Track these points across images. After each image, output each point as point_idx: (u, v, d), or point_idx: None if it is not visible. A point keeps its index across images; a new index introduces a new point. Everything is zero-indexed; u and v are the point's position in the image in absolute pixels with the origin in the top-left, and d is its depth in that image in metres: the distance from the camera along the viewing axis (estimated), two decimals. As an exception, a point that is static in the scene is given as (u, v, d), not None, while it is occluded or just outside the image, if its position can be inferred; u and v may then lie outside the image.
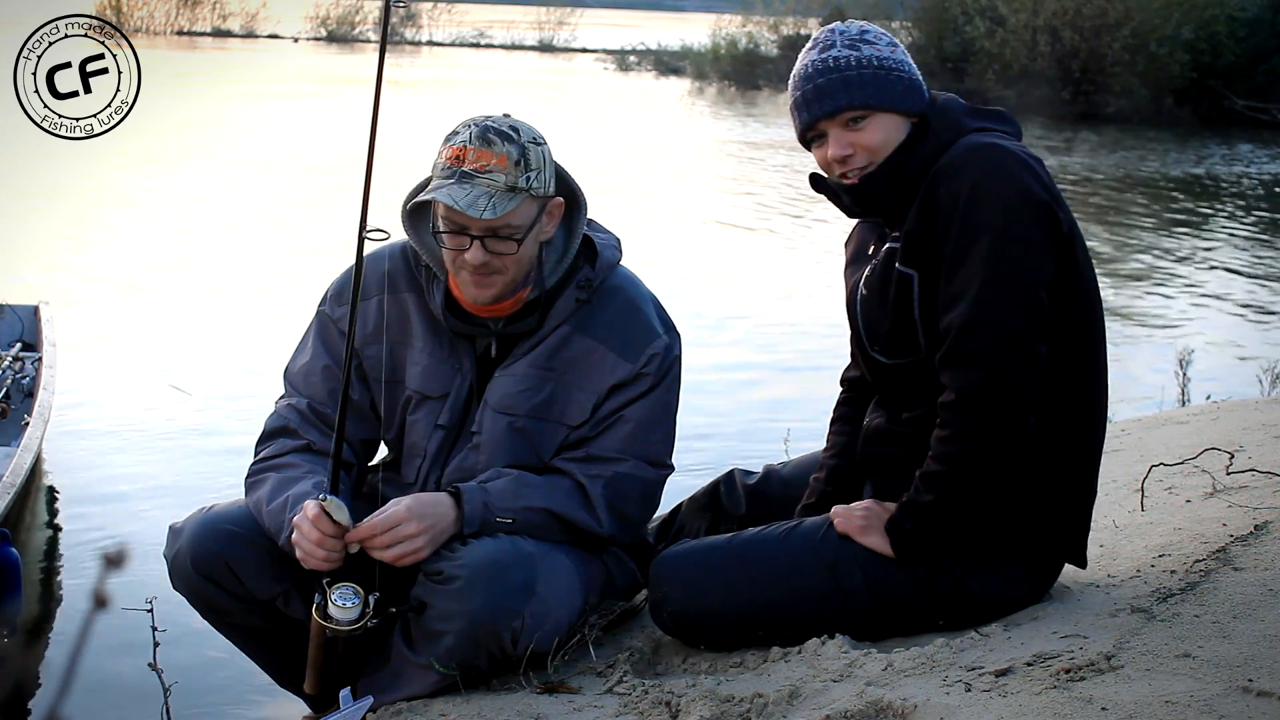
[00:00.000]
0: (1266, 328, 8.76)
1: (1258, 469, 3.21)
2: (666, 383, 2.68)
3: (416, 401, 2.68)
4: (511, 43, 38.95)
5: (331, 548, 2.44)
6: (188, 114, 17.67)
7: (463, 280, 2.57)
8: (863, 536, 2.49)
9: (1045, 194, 2.39)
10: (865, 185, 2.50)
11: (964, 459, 2.38)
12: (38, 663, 3.68)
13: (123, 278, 8.75)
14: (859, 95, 2.48)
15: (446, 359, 2.66)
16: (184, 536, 2.65)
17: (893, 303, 2.48)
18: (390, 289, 2.70)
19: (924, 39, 25.66)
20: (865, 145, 2.50)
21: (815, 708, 2.17)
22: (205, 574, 2.62)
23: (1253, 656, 2.08)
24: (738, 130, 20.24)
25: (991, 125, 2.52)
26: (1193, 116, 22.83)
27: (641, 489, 2.68)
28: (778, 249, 10.85)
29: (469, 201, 2.47)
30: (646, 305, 2.70)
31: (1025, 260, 2.36)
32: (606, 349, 2.63)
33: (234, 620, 2.70)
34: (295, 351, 2.77)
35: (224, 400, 6.23)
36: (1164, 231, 12.41)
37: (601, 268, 2.67)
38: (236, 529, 2.62)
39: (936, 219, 2.41)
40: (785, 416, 5.82)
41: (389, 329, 2.68)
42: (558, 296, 2.64)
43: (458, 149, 2.52)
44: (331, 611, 2.44)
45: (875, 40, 2.55)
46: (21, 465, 4.21)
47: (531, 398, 2.63)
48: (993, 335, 2.34)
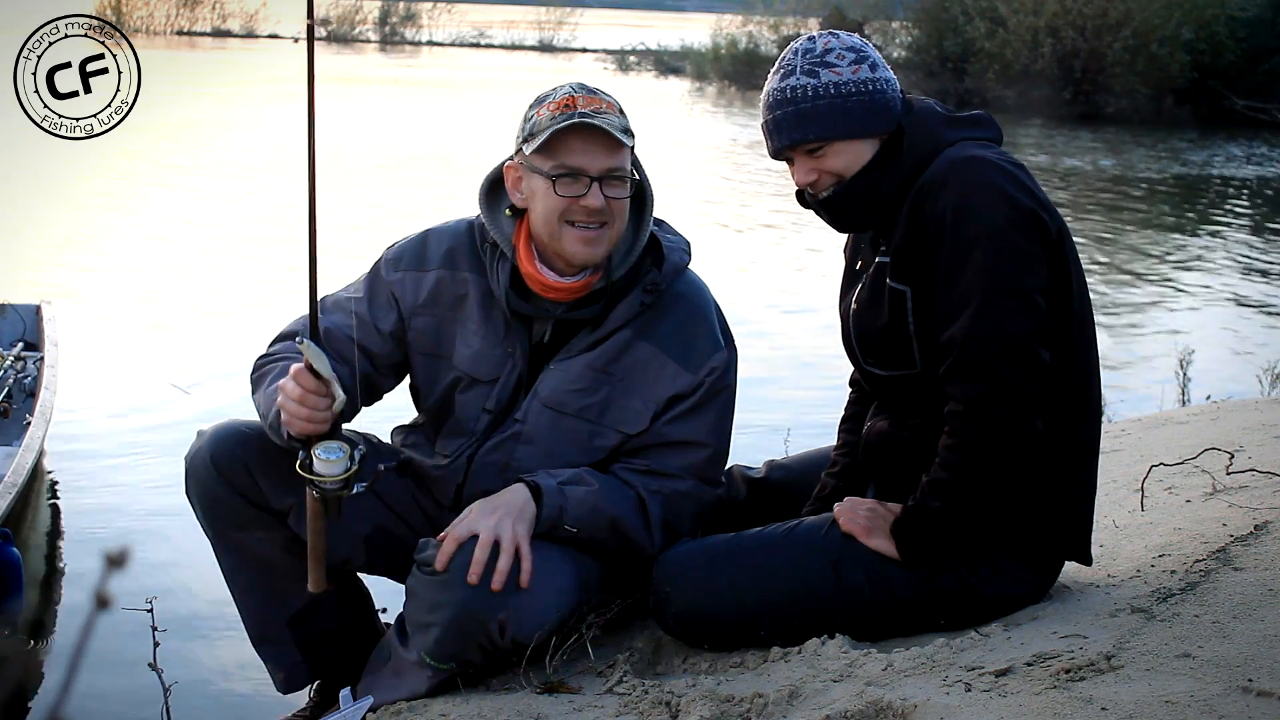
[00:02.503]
0: (1266, 328, 8.76)
1: (1258, 469, 3.21)
2: (723, 400, 2.67)
3: (466, 383, 2.67)
4: (511, 43, 38.96)
5: (315, 405, 2.38)
6: (188, 114, 17.68)
7: (568, 239, 2.53)
8: (867, 538, 2.50)
9: (1030, 200, 2.41)
10: (834, 201, 2.53)
11: (972, 468, 2.39)
12: (39, 662, 3.68)
13: (124, 277, 8.76)
14: (814, 129, 2.50)
15: (500, 343, 2.65)
16: (206, 437, 2.66)
17: (886, 318, 2.50)
18: (450, 265, 2.68)
19: (924, 39, 25.67)
20: (828, 170, 2.53)
21: (815, 708, 2.17)
22: (223, 474, 2.61)
23: (1253, 656, 2.08)
24: (738, 130, 20.25)
25: (969, 133, 2.51)
26: (1193, 116, 22.83)
27: (696, 508, 2.69)
28: (777, 249, 10.85)
29: (606, 122, 2.48)
30: (710, 315, 2.69)
31: (1019, 268, 2.37)
32: (668, 357, 2.62)
33: (240, 536, 2.67)
34: (348, 285, 2.76)
35: (226, 399, 6.23)
36: (1164, 231, 12.42)
37: (668, 271, 2.65)
38: (258, 435, 2.61)
39: (925, 236, 2.42)
40: (785, 417, 5.82)
41: (440, 304, 2.67)
42: (623, 290, 2.62)
43: (564, 99, 2.52)
44: (317, 467, 2.38)
45: (836, 63, 2.53)
46: (23, 465, 4.21)
47: (583, 398, 2.62)
48: (996, 345, 2.35)
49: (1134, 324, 8.51)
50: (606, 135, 2.49)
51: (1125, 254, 11.13)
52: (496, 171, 2.66)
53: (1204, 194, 15.21)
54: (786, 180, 2.69)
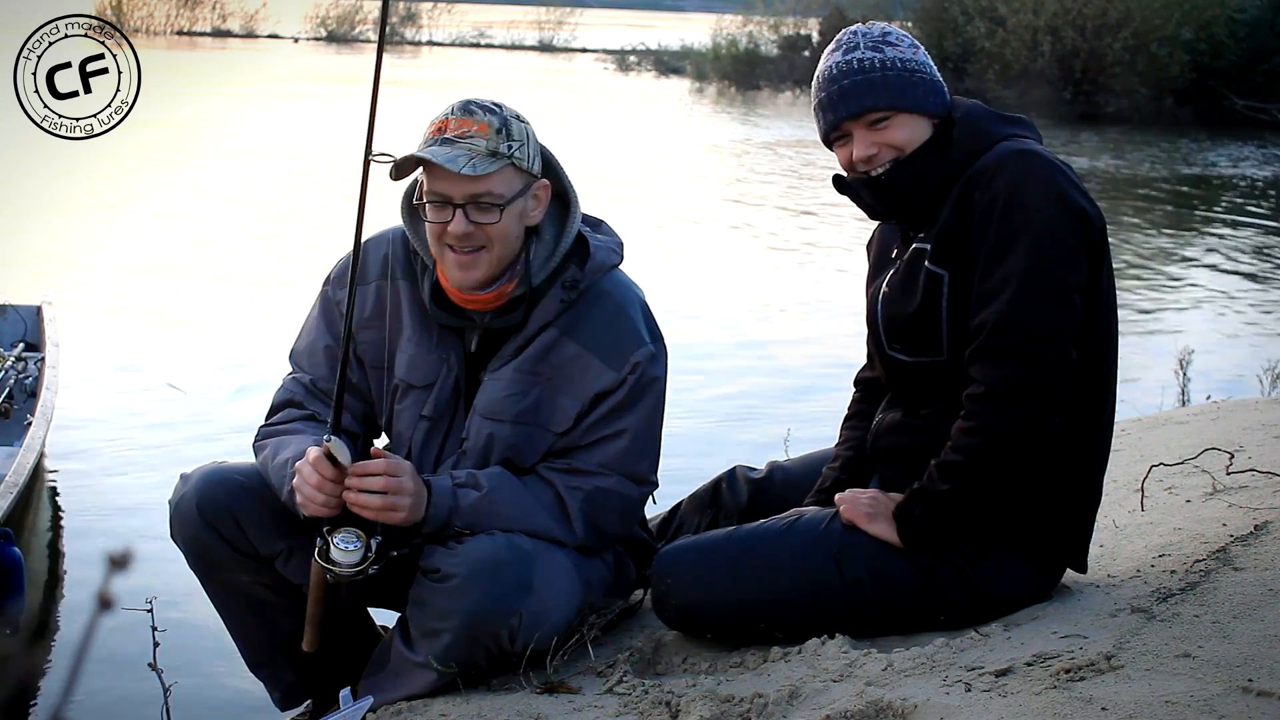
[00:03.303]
0: (1266, 328, 8.76)
1: (1258, 469, 3.21)
2: (651, 395, 2.65)
3: (403, 390, 2.67)
4: (511, 43, 38.94)
5: (331, 492, 2.43)
6: (188, 114, 17.68)
7: (448, 262, 2.55)
8: (869, 524, 2.50)
9: (1081, 199, 2.44)
10: (890, 177, 2.53)
11: (985, 452, 2.40)
12: (40, 663, 3.68)
13: (125, 277, 8.76)
14: (884, 96, 2.52)
15: (434, 350, 2.65)
16: (192, 483, 2.65)
17: (919, 301, 2.50)
18: (387, 274, 2.69)
19: (924, 39, 25.65)
20: (890, 143, 2.54)
21: (815, 708, 2.17)
22: (209, 521, 2.61)
23: (1253, 656, 2.08)
24: (738, 131, 20.24)
25: (1018, 131, 2.55)
26: (1193, 116, 22.81)
27: (621, 505, 2.67)
28: (777, 250, 10.84)
29: (448, 158, 2.46)
30: (634, 311, 2.66)
31: (1061, 263, 2.39)
32: (592, 355, 2.60)
33: (226, 578, 2.68)
34: (300, 331, 2.78)
35: (227, 400, 6.23)
36: (1164, 231, 12.42)
37: (591, 270, 2.63)
38: (245, 481, 2.63)
39: (972, 221, 2.43)
40: (785, 417, 5.82)
41: (383, 314, 2.68)
42: (544, 294, 2.61)
43: (440, 121, 2.54)
44: (334, 555, 2.43)
45: (897, 42, 2.59)
46: (24, 465, 4.21)
47: (518, 402, 2.61)
48: (1027, 333, 2.36)
49: (1134, 324, 8.50)
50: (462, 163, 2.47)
51: (1125, 254, 11.13)
52: (414, 183, 2.65)
53: (1204, 194, 15.21)
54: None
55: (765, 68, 28.06)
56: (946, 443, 2.45)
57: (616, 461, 2.63)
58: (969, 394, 2.41)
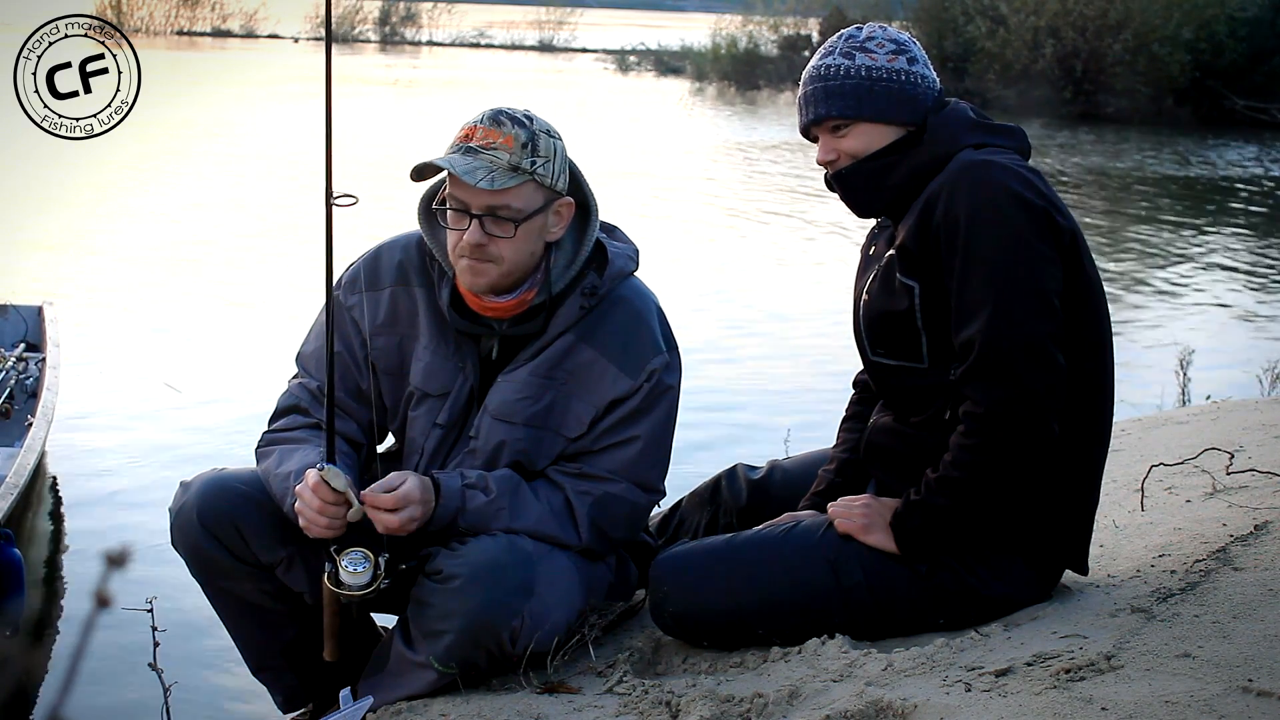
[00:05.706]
0: (1266, 328, 8.76)
1: (1258, 469, 3.21)
2: (664, 403, 2.66)
3: (418, 398, 2.68)
4: (511, 43, 38.93)
5: (332, 515, 2.45)
6: (188, 114, 17.67)
7: (460, 266, 2.56)
8: (865, 536, 2.50)
9: (1041, 201, 2.41)
10: (848, 174, 2.57)
11: (988, 470, 2.40)
12: (40, 662, 3.68)
13: (125, 277, 8.76)
14: (837, 106, 2.55)
15: (451, 358, 2.65)
16: (193, 491, 2.65)
17: (895, 307, 2.50)
18: (403, 281, 2.69)
19: (924, 39, 25.64)
20: (846, 151, 2.57)
21: (815, 708, 2.17)
22: (211, 530, 2.61)
23: (1253, 656, 2.08)
24: (738, 131, 20.24)
25: (993, 141, 2.53)
26: (1193, 116, 22.82)
27: (629, 511, 2.68)
28: (777, 250, 10.84)
29: (467, 169, 2.47)
30: (652, 319, 2.68)
31: (1034, 269, 2.38)
32: (608, 362, 2.61)
33: (228, 585, 2.68)
34: (308, 334, 2.78)
35: (228, 400, 6.24)
36: (1164, 231, 12.41)
37: (610, 276, 2.65)
38: (246, 489, 2.63)
39: (934, 239, 2.43)
40: (785, 417, 5.82)
41: (398, 321, 2.68)
42: (563, 302, 2.63)
43: (469, 128, 2.54)
44: (344, 578, 2.45)
45: (874, 50, 2.58)
46: (25, 465, 4.21)
47: (530, 406, 2.62)
48: (1015, 347, 2.36)
49: (1134, 324, 8.50)
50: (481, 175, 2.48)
51: (1125, 254, 11.13)
52: (433, 186, 2.66)
53: (1204, 194, 15.21)
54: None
55: (765, 68, 28.06)
56: (940, 452, 2.44)
57: (627, 468, 2.64)
58: (966, 412, 2.41)
